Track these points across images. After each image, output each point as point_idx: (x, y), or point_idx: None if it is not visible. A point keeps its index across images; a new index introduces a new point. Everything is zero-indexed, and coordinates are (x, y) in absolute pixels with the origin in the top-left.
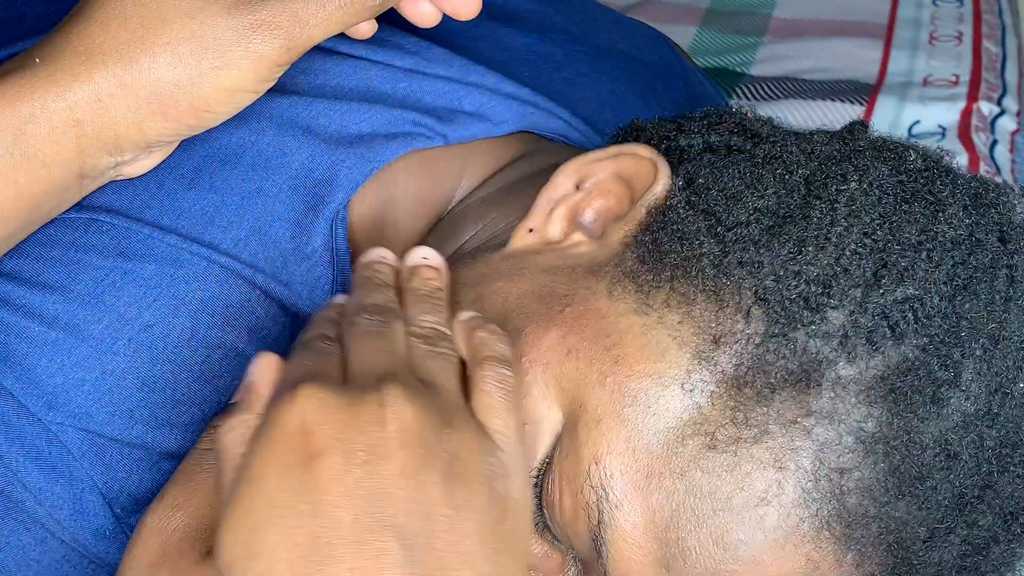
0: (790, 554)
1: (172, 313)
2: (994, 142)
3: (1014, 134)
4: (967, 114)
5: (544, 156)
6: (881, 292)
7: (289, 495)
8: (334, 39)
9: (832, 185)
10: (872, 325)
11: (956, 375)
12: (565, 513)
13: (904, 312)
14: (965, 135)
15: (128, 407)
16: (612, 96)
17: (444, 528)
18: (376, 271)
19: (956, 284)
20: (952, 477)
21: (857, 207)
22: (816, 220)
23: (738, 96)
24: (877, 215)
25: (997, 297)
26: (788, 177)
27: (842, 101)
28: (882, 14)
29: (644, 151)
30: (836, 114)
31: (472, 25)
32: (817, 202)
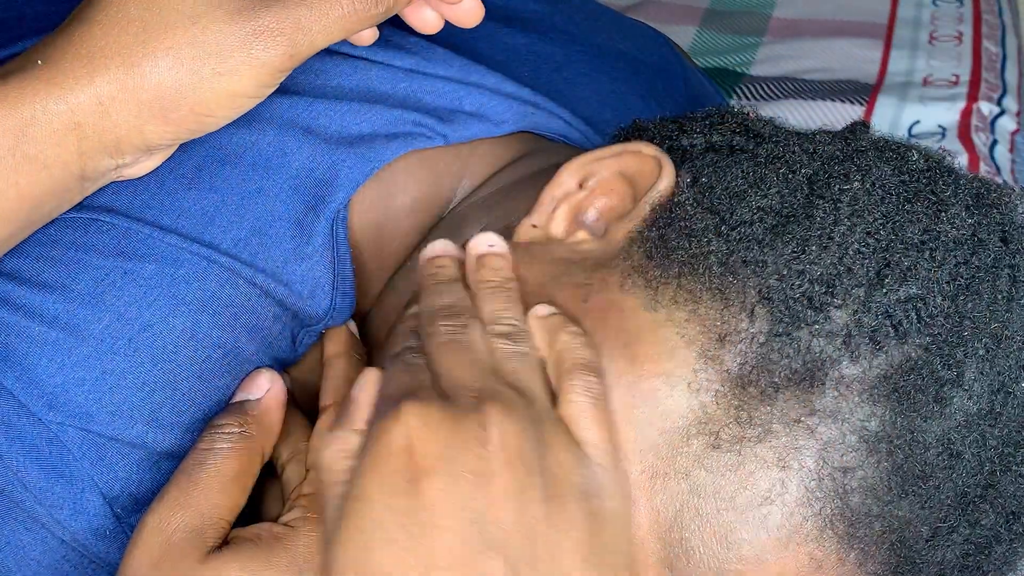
0: (793, 553)
1: (172, 313)
2: (994, 142)
3: (1014, 134)
4: (967, 114)
5: (544, 156)
6: (884, 291)
7: (398, 516)
8: None
9: (835, 185)
10: (875, 324)
11: (959, 374)
12: None
13: (907, 311)
14: (965, 135)
15: (128, 407)
16: (612, 96)
17: (545, 547)
18: (440, 267)
19: (959, 284)
20: (955, 476)
21: (860, 207)
22: (819, 219)
23: (738, 96)
24: (880, 215)
25: (999, 297)
26: (791, 176)
27: (842, 101)
28: (882, 14)
29: (648, 148)
30: (836, 114)
31: None
32: (820, 201)
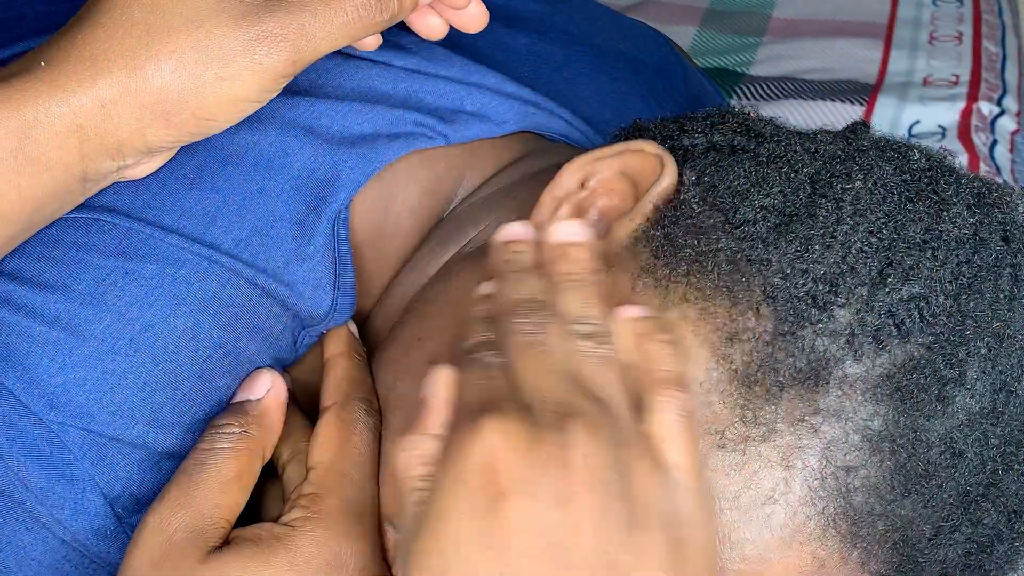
0: (796, 552)
1: (173, 313)
2: (994, 142)
3: (1014, 134)
4: (967, 114)
5: (545, 156)
6: (887, 291)
7: (476, 537)
8: None
9: (837, 184)
10: (878, 323)
11: (961, 373)
12: None
13: (910, 310)
14: (965, 135)
15: (129, 407)
16: (612, 96)
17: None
18: (516, 253)
19: (961, 283)
20: (957, 475)
21: (862, 206)
22: (822, 219)
23: (738, 96)
24: (882, 214)
25: (1001, 296)
26: (793, 176)
27: (842, 101)
28: (882, 14)
29: (650, 147)
30: (836, 114)
31: None
32: (823, 201)
